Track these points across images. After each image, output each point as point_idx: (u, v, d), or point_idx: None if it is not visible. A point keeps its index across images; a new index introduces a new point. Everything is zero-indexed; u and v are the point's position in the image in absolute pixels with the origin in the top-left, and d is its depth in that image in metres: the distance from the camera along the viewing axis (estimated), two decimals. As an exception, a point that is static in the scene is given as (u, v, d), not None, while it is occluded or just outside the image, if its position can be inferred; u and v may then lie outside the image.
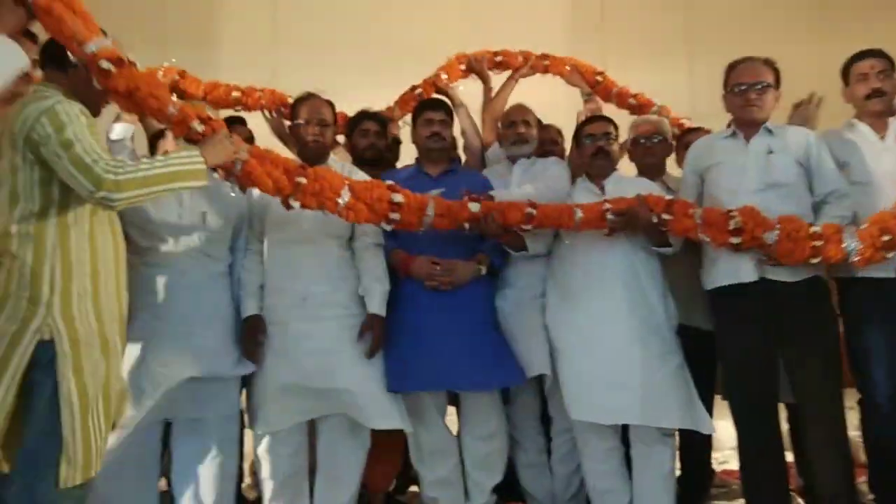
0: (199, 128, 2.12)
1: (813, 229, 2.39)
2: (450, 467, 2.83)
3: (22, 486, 1.88)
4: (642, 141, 3.08)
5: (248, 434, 2.76)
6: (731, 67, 2.68)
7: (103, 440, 1.98)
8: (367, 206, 2.44)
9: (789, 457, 2.90)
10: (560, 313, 2.76)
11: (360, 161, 3.17)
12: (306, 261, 2.64)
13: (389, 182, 2.55)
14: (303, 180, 2.34)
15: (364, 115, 3.28)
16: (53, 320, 1.90)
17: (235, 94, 3.44)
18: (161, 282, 2.46)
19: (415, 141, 3.00)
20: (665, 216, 2.54)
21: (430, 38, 4.15)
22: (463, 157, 3.46)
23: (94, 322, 1.96)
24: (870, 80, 2.64)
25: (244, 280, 2.66)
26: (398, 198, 2.48)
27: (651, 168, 3.07)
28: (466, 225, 2.62)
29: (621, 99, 3.68)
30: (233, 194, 2.66)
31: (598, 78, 3.66)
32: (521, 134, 3.07)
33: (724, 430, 3.22)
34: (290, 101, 3.34)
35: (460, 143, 3.45)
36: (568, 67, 3.60)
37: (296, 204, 2.37)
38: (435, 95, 3.46)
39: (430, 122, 2.92)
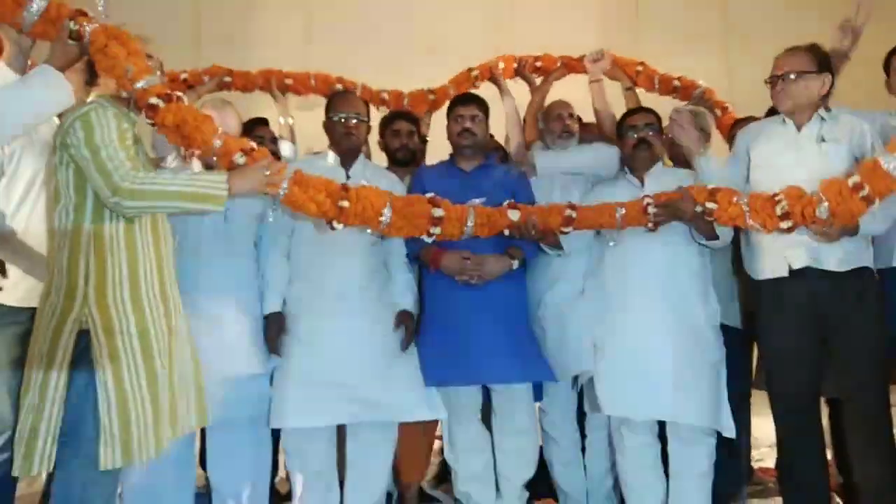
0: (242, 160, 2.18)
1: (852, 180, 2.30)
2: (483, 463, 2.83)
3: (63, 471, 1.94)
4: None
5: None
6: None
7: (148, 429, 1.99)
8: (409, 221, 2.47)
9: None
10: (598, 310, 2.75)
11: (392, 161, 3.19)
12: (341, 254, 2.66)
13: (430, 195, 2.55)
14: (346, 203, 2.37)
15: (396, 115, 3.28)
16: (89, 310, 1.96)
17: (288, 80, 3.49)
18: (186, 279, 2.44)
19: (448, 136, 2.99)
20: (710, 205, 2.49)
21: (462, 34, 4.15)
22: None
23: (131, 313, 2.00)
24: None
25: (268, 276, 2.68)
26: (439, 212, 2.49)
27: (681, 155, 3.00)
28: (507, 232, 2.62)
29: (665, 85, 3.59)
30: (271, 213, 2.67)
31: (639, 68, 3.58)
32: (567, 125, 3.09)
33: (761, 428, 3.18)
34: (338, 87, 3.44)
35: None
36: (608, 62, 3.53)
37: (339, 226, 2.40)
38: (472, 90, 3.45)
39: (461, 118, 2.91)
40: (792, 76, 2.53)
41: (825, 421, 2.75)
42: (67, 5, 2.09)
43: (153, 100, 2.08)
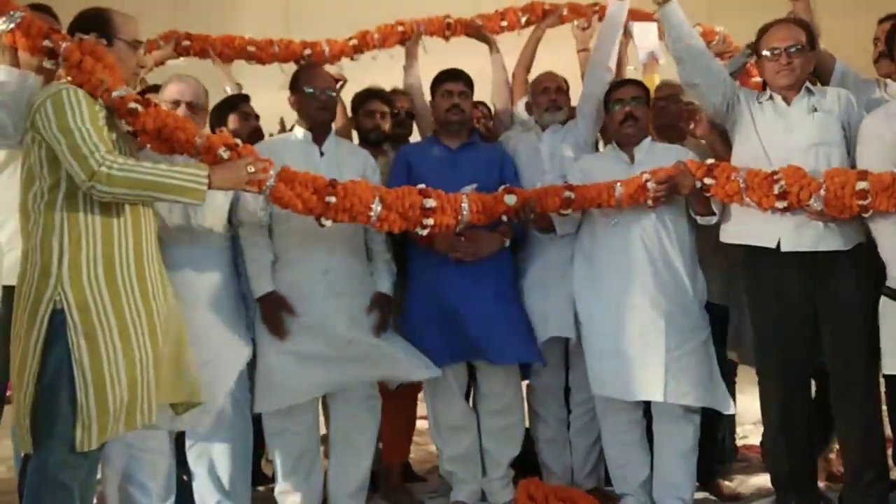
0: (226, 154, 2.18)
1: (860, 185, 2.28)
2: (468, 443, 2.82)
3: (38, 453, 1.91)
4: (660, 104, 2.99)
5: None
6: (763, 31, 2.57)
7: (125, 408, 1.96)
8: (400, 214, 2.43)
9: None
10: (587, 286, 2.72)
11: (364, 141, 3.11)
12: (324, 235, 2.58)
13: (421, 186, 2.50)
14: (333, 199, 2.34)
15: (370, 95, 3.17)
16: (62, 288, 1.93)
17: (250, 48, 3.37)
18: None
19: (433, 112, 2.94)
20: (707, 181, 2.48)
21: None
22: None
23: (105, 292, 1.96)
24: None
25: (253, 255, 2.60)
26: (431, 202, 2.45)
27: (668, 130, 2.98)
28: (504, 218, 2.59)
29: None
30: (260, 212, 2.60)
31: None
32: (553, 100, 3.00)
33: (745, 405, 3.19)
34: (306, 52, 3.32)
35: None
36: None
37: (328, 222, 2.38)
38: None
39: (449, 94, 2.84)
40: (803, 47, 2.49)
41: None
42: (41, 23, 2.12)
43: (132, 105, 2.09)
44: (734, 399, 3.12)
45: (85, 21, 2.15)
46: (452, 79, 2.87)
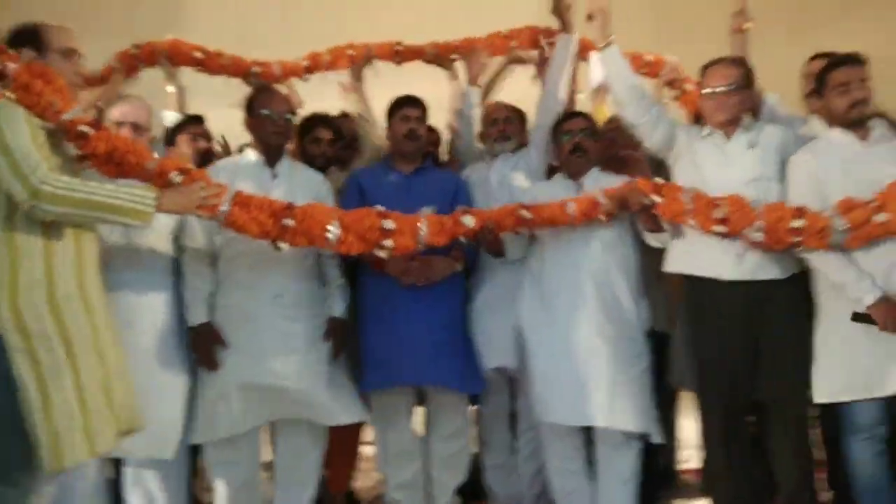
0: (178, 179, 2.16)
1: (794, 224, 2.37)
2: (415, 469, 2.81)
3: None
4: (610, 135, 3.03)
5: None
6: (704, 69, 2.67)
7: (76, 433, 1.90)
8: (359, 236, 2.41)
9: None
10: (534, 313, 2.74)
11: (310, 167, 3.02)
12: (275, 257, 2.54)
13: (379, 208, 2.49)
14: (290, 222, 2.32)
15: (318, 121, 3.15)
16: (1, 313, 1.86)
17: (198, 54, 3.30)
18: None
19: (389, 137, 2.94)
20: (655, 198, 2.54)
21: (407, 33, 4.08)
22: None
23: (46, 314, 1.90)
24: (852, 90, 2.46)
25: (193, 283, 2.55)
26: (389, 224, 2.44)
27: (616, 162, 2.99)
28: (462, 239, 2.59)
29: (636, 62, 3.38)
30: (216, 236, 2.55)
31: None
32: (502, 131, 3.05)
33: (685, 430, 3.26)
34: (257, 70, 3.29)
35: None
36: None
37: (284, 246, 2.35)
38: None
39: (406, 119, 2.85)
40: (728, 89, 2.58)
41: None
42: None
43: (82, 128, 2.05)
44: (675, 424, 3.21)
45: (16, 37, 2.10)
46: (410, 104, 2.89)
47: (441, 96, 3.31)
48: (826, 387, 2.44)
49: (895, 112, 2.72)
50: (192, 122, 3.08)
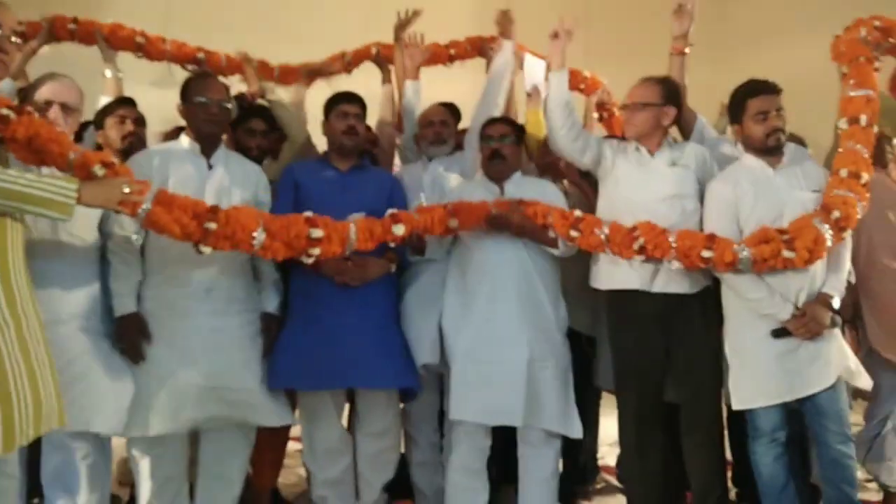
0: (101, 172, 2.07)
1: (704, 254, 2.48)
2: (343, 466, 2.80)
3: None
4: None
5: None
6: None
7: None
8: (285, 243, 2.37)
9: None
10: (455, 314, 2.78)
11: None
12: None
13: (308, 214, 2.44)
14: (213, 226, 2.25)
15: (251, 112, 3.09)
16: None
17: (140, 39, 3.22)
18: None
19: (326, 133, 2.91)
20: (573, 233, 2.64)
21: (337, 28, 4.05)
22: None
23: None
24: (770, 119, 2.58)
25: (119, 272, 2.48)
26: (317, 233, 2.39)
27: (551, 168, 3.12)
28: (392, 244, 2.59)
29: (574, 80, 3.52)
30: (134, 235, 2.48)
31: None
32: (438, 133, 3.09)
33: (604, 428, 3.39)
34: (200, 56, 3.22)
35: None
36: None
37: (206, 249, 2.27)
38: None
39: (345, 115, 2.83)
40: (645, 105, 2.71)
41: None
42: None
43: (3, 111, 1.96)
44: (598, 422, 3.33)
45: None
46: (348, 101, 2.87)
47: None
48: (739, 394, 2.59)
49: (814, 132, 2.92)
50: (123, 105, 2.95)
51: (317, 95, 3.31)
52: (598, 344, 3.04)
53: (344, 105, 2.85)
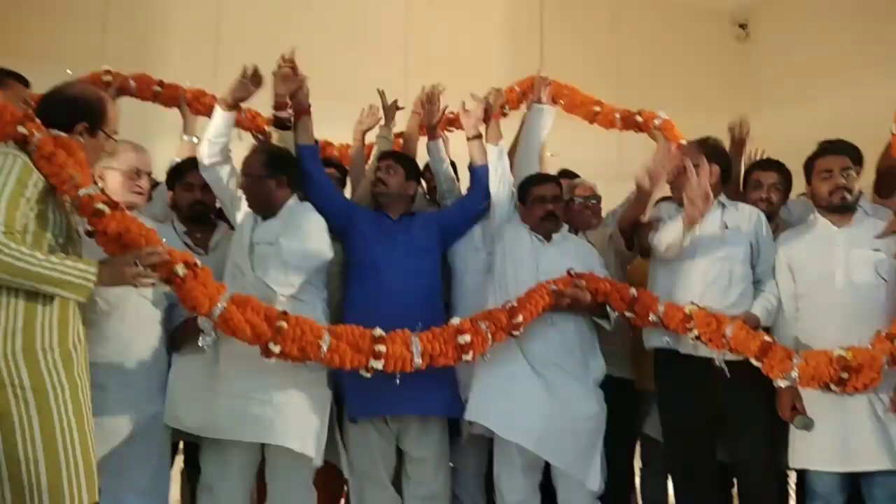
0: (182, 272, 2.16)
1: (754, 363, 2.51)
2: None
3: None
4: (578, 201, 3.19)
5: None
6: None
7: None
8: (351, 345, 2.41)
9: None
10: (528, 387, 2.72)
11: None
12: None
13: (378, 332, 2.45)
14: (284, 324, 2.32)
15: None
16: None
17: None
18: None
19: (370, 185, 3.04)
20: (628, 314, 2.71)
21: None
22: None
23: (23, 365, 1.90)
24: (834, 177, 2.61)
25: None
26: (381, 348, 2.43)
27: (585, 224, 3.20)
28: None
29: (627, 121, 3.45)
30: (207, 338, 2.45)
31: (596, 108, 3.45)
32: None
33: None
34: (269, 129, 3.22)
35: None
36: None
37: (276, 349, 2.32)
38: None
39: (378, 169, 2.97)
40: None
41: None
42: (15, 109, 2.09)
43: (99, 205, 2.03)
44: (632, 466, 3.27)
45: (74, 106, 2.10)
46: (381, 157, 3.02)
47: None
48: (795, 453, 2.59)
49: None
50: (191, 170, 2.83)
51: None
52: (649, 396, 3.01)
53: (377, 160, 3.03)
